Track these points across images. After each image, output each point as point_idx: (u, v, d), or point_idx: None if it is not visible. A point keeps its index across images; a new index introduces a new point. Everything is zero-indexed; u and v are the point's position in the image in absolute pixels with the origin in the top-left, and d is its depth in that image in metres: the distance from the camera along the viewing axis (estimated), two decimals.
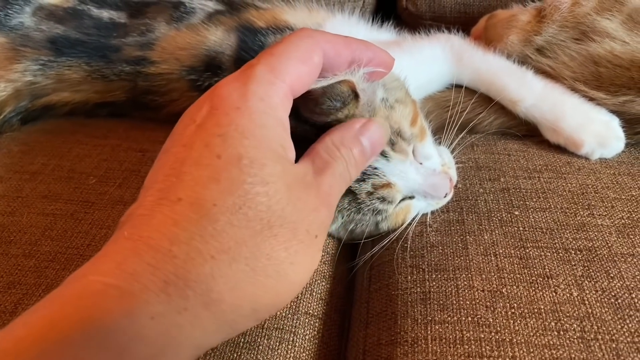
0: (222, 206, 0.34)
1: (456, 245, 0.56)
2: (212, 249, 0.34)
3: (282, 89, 0.39)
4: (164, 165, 0.37)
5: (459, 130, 0.65)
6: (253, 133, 0.36)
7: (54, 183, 0.69)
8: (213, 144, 0.36)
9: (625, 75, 0.66)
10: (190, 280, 0.33)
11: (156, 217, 0.34)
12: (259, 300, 0.36)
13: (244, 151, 0.35)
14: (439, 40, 0.77)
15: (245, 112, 0.37)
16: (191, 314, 0.33)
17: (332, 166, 0.41)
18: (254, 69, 0.39)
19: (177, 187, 0.35)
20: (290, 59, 0.39)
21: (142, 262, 0.32)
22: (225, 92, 0.38)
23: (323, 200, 0.39)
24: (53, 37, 0.77)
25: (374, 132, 0.45)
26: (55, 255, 0.58)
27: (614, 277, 0.50)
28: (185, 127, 0.38)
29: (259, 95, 0.38)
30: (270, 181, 0.36)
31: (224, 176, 0.35)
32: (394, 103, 0.52)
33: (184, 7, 0.82)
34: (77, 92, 0.79)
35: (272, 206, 0.35)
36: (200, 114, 0.38)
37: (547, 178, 0.64)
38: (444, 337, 0.47)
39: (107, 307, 0.31)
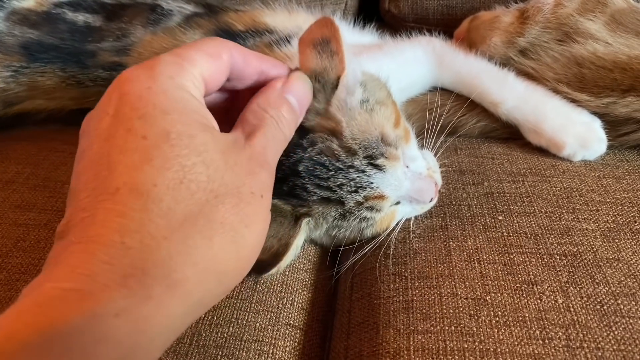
0: (162, 184, 0.33)
1: (439, 252, 0.55)
2: (163, 230, 0.33)
3: (190, 71, 0.38)
4: (89, 164, 0.36)
5: (442, 134, 0.64)
6: (173, 108, 0.36)
7: (28, 192, 0.67)
8: (135, 127, 0.35)
9: (609, 76, 0.66)
10: (149, 268, 0.32)
11: (99, 214, 0.33)
12: (222, 270, 0.36)
13: (169, 126, 0.35)
14: (421, 42, 0.77)
15: (158, 90, 0.36)
16: (157, 302, 0.32)
17: (262, 128, 0.40)
18: (160, 56, 0.38)
19: (111, 178, 0.34)
20: (198, 50, 0.39)
21: (97, 261, 0.31)
22: (131, 76, 0.37)
23: (259, 162, 0.39)
24: (26, 42, 0.75)
25: (298, 86, 0.45)
26: (27, 267, 0.56)
27: (600, 282, 0.49)
28: (99, 121, 0.36)
29: (168, 74, 0.37)
30: (203, 150, 0.35)
31: (156, 154, 0.34)
32: (374, 105, 0.51)
33: (160, 10, 0.81)
34: (52, 99, 0.77)
35: (211, 175, 0.35)
36: (111, 105, 0.36)
37: (531, 182, 0.63)
38: (427, 347, 0.46)
39: (67, 311, 0.30)
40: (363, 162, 0.49)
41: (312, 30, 0.47)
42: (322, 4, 1.04)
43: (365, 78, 0.52)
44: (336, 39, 0.47)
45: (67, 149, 0.76)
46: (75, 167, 0.37)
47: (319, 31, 0.47)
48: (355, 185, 0.50)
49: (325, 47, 0.47)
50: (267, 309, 0.52)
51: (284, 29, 0.79)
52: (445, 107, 0.72)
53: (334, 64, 0.47)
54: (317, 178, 0.49)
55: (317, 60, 0.47)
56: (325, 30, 0.46)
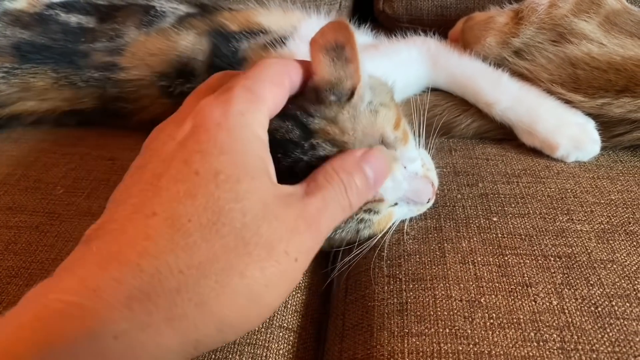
0: (197, 222, 0.33)
1: (434, 254, 0.54)
2: (181, 264, 0.32)
3: (260, 108, 0.39)
4: (139, 180, 0.36)
5: (436, 134, 0.64)
6: (231, 148, 0.36)
7: (19, 194, 0.66)
8: (192, 160, 0.35)
9: (603, 77, 0.66)
10: (154, 295, 0.32)
11: (128, 231, 0.33)
12: (225, 321, 0.35)
13: (220, 167, 0.35)
14: (415, 43, 0.76)
15: (225, 127, 0.36)
16: (154, 331, 0.32)
17: (325, 189, 0.40)
18: (235, 89, 0.38)
19: (153, 202, 0.34)
20: (265, 81, 0.40)
21: (107, 276, 0.31)
22: (207, 110, 0.37)
23: (307, 223, 0.37)
24: (17, 43, 0.75)
25: (378, 160, 0.44)
26: (18, 271, 0.55)
27: (594, 284, 0.49)
28: (164, 144, 0.37)
29: (240, 110, 0.37)
30: (245, 197, 0.35)
31: (201, 192, 0.34)
32: (378, 107, 0.50)
33: (154, 11, 0.80)
34: (44, 100, 0.76)
35: (247, 223, 0.34)
36: (182, 132, 0.37)
37: (525, 183, 0.63)
38: (421, 350, 0.45)
39: (67, 328, 0.30)
40: None
41: (325, 33, 0.45)
42: (317, 4, 1.04)
43: (372, 81, 0.51)
44: (351, 46, 0.45)
45: (59, 151, 0.75)
46: (125, 178, 0.38)
47: (333, 35, 0.45)
48: None
49: (339, 53, 0.45)
50: None
51: (279, 29, 0.78)
52: (440, 107, 0.72)
53: (349, 73, 0.46)
54: None
55: (330, 68, 0.45)
56: (340, 35, 0.45)
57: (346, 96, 0.46)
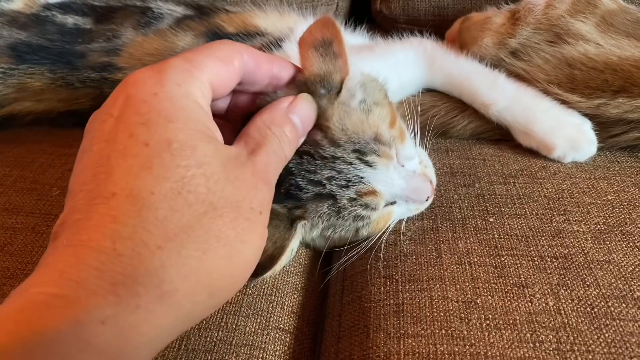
0: (160, 193, 0.33)
1: (430, 255, 0.54)
2: (157, 239, 0.32)
3: (199, 78, 0.38)
4: (88, 165, 0.35)
5: (433, 135, 0.64)
6: (177, 116, 0.35)
7: (16, 195, 0.66)
8: (137, 132, 0.34)
9: (600, 77, 0.66)
10: (140, 276, 0.31)
11: (93, 217, 0.33)
12: (214, 284, 0.35)
13: (172, 135, 0.34)
14: (412, 44, 0.76)
15: (164, 97, 0.36)
16: (145, 311, 0.32)
17: (265, 144, 0.40)
18: (169, 60, 0.38)
19: (109, 182, 0.33)
20: (209, 56, 0.39)
21: (86, 266, 0.31)
22: (139, 79, 0.37)
23: (261, 177, 0.39)
24: (14, 44, 0.75)
25: (303, 108, 0.45)
26: (14, 272, 0.55)
27: (590, 285, 0.49)
28: (102, 122, 0.36)
29: (175, 81, 0.36)
30: (205, 162, 0.35)
31: (156, 162, 0.34)
32: (371, 105, 0.50)
33: (151, 13, 0.81)
34: (41, 101, 0.76)
35: (211, 187, 0.35)
36: (116, 107, 0.36)
37: (522, 183, 0.63)
38: (417, 351, 0.45)
39: (51, 318, 0.29)
40: (351, 155, 0.49)
41: (312, 30, 0.46)
42: (314, 5, 1.04)
43: (364, 79, 0.52)
44: (338, 41, 0.46)
45: (55, 151, 0.75)
46: (75, 167, 0.37)
47: (320, 32, 0.46)
48: (344, 179, 0.49)
49: (327, 49, 0.46)
50: (257, 312, 0.52)
51: (275, 31, 0.79)
52: (437, 108, 0.72)
53: (337, 67, 0.47)
54: (306, 172, 0.49)
55: (319, 63, 0.46)
56: (327, 31, 0.46)
57: (335, 89, 0.47)
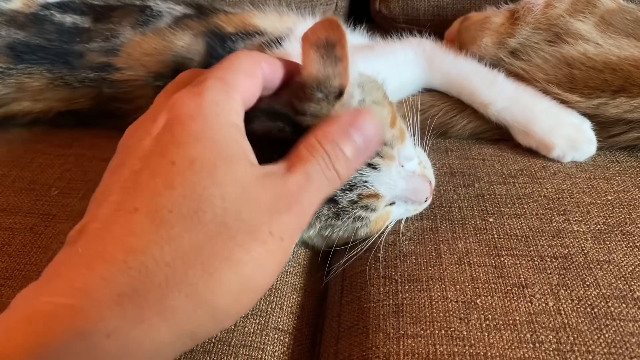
0: (178, 213, 0.33)
1: (430, 255, 0.54)
2: (167, 256, 0.32)
3: (234, 98, 0.38)
4: (118, 178, 0.36)
5: (432, 135, 0.64)
6: (205, 135, 0.35)
7: (14, 195, 0.66)
8: (167, 152, 0.35)
9: (599, 77, 0.66)
10: (144, 290, 0.31)
11: (112, 229, 0.33)
12: (217, 308, 0.34)
13: (196, 154, 0.35)
14: (411, 44, 0.76)
15: (199, 117, 0.36)
16: (148, 326, 0.31)
17: (308, 163, 0.37)
18: (207, 80, 0.38)
19: (134, 198, 0.34)
20: (238, 72, 0.40)
21: (95, 276, 0.31)
22: (180, 102, 0.37)
23: (287, 202, 0.36)
24: (12, 43, 0.75)
25: (368, 124, 0.40)
26: (12, 273, 0.55)
27: (590, 285, 0.49)
28: (140, 140, 0.37)
29: (214, 101, 0.37)
30: (224, 182, 0.34)
31: (178, 182, 0.34)
32: (371, 105, 0.50)
33: (150, 11, 0.80)
34: (39, 101, 0.76)
35: (228, 208, 0.34)
36: (156, 127, 0.37)
37: (522, 183, 0.63)
38: (417, 352, 0.45)
39: (58, 329, 0.29)
40: None
41: (316, 29, 0.45)
42: (313, 5, 1.04)
43: (363, 79, 0.51)
44: (342, 45, 0.44)
45: (54, 152, 0.75)
46: (105, 177, 0.37)
47: (324, 32, 0.45)
48: (348, 183, 0.49)
49: (329, 51, 0.45)
50: (256, 313, 0.52)
51: (275, 30, 0.78)
52: (436, 108, 0.72)
53: (337, 71, 0.45)
54: None
55: (319, 65, 0.45)
56: (331, 33, 0.44)
57: (334, 94, 0.46)
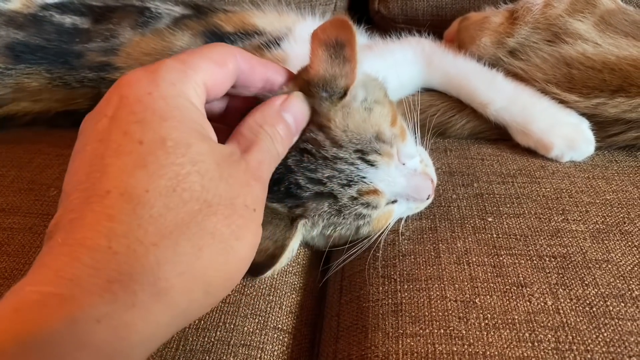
0: (155, 190, 0.33)
1: (429, 254, 0.54)
2: (152, 237, 0.32)
3: (193, 78, 0.38)
4: (81, 164, 0.35)
5: (431, 135, 0.64)
6: (171, 115, 0.35)
7: (13, 195, 0.66)
8: (132, 131, 0.34)
9: (598, 77, 0.66)
10: (135, 274, 0.31)
11: (88, 216, 0.33)
12: (209, 281, 0.35)
13: (166, 133, 0.35)
14: (410, 43, 0.76)
15: (158, 96, 0.36)
16: (141, 309, 0.31)
17: (258, 143, 0.41)
18: (164, 60, 0.38)
19: (103, 181, 0.33)
20: (203, 57, 0.39)
21: (82, 265, 0.31)
22: (133, 79, 0.37)
23: (253, 175, 0.39)
24: (11, 43, 0.75)
25: (296, 107, 0.45)
26: (11, 272, 0.55)
27: (589, 284, 0.49)
28: (96, 122, 0.36)
29: (170, 80, 0.37)
30: (199, 160, 0.35)
31: (150, 160, 0.34)
32: (372, 104, 0.50)
33: (149, 12, 0.80)
34: (38, 101, 0.76)
35: (205, 184, 0.35)
36: (110, 107, 0.36)
37: (521, 183, 0.63)
38: (416, 351, 0.45)
39: (46, 316, 0.29)
40: (353, 155, 0.49)
41: (327, 28, 0.45)
42: (312, 5, 1.04)
43: (365, 78, 0.52)
44: (351, 46, 0.45)
45: (53, 152, 0.75)
46: (69, 167, 0.37)
47: (335, 32, 0.45)
48: (345, 178, 0.49)
49: (338, 51, 0.45)
50: (255, 312, 0.52)
51: (274, 30, 0.78)
52: (435, 107, 0.72)
53: (345, 72, 0.46)
54: (307, 170, 0.49)
55: (327, 64, 0.46)
56: (342, 34, 0.45)
57: (338, 94, 0.46)
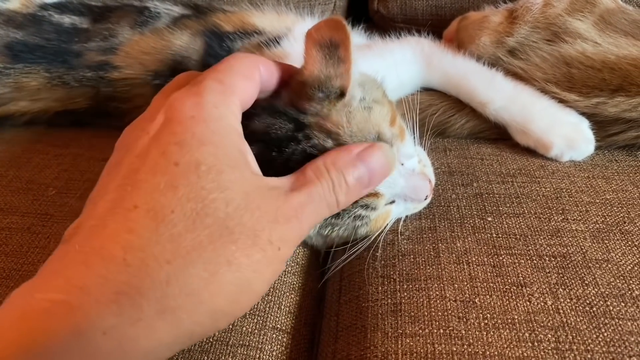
0: (180, 212, 0.33)
1: (428, 254, 0.54)
2: (168, 254, 0.32)
3: (232, 100, 0.39)
4: (115, 176, 0.36)
5: (430, 134, 0.64)
6: (210, 140, 0.36)
7: (11, 195, 0.66)
8: (169, 151, 0.35)
9: (597, 76, 0.65)
10: (144, 288, 0.31)
11: (109, 226, 0.33)
12: (217, 308, 0.35)
13: (201, 158, 0.35)
14: (410, 43, 0.76)
15: (200, 119, 0.36)
16: (146, 325, 0.31)
17: (312, 186, 0.39)
18: (205, 81, 0.38)
19: (133, 195, 0.34)
20: (236, 74, 0.40)
21: (93, 274, 0.31)
22: (178, 102, 0.37)
23: (288, 215, 0.38)
24: (10, 43, 0.74)
25: (376, 159, 0.43)
26: (9, 272, 0.55)
27: (589, 284, 0.49)
28: (137, 138, 0.37)
29: (213, 103, 0.37)
30: (228, 187, 0.35)
31: (182, 183, 0.34)
32: (371, 103, 0.50)
33: (148, 12, 0.80)
34: (37, 100, 0.76)
35: (230, 213, 0.35)
36: (154, 126, 0.37)
37: (520, 182, 0.63)
38: (415, 351, 0.45)
39: (53, 327, 0.29)
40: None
41: (321, 28, 0.45)
42: (311, 5, 1.04)
43: (362, 78, 0.51)
44: (345, 46, 0.45)
45: (51, 151, 0.74)
46: (101, 178, 0.37)
47: (329, 32, 0.45)
48: None
49: (333, 51, 0.45)
50: (254, 312, 0.52)
51: (273, 29, 0.78)
52: (434, 107, 0.72)
53: (339, 72, 0.46)
54: None
55: (321, 65, 0.45)
56: (336, 34, 0.45)
57: (334, 94, 0.46)
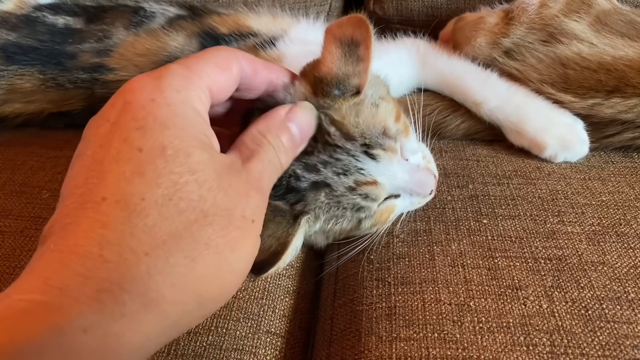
0: (151, 199, 0.32)
1: (423, 257, 0.54)
2: (145, 246, 0.32)
3: (198, 85, 0.37)
4: (80, 169, 0.35)
5: (426, 135, 0.64)
6: (174, 122, 0.35)
7: (5, 198, 0.65)
8: (132, 138, 0.34)
9: (593, 77, 0.65)
10: (126, 283, 0.31)
11: (82, 222, 0.32)
12: (202, 294, 0.34)
13: (166, 141, 0.34)
14: (405, 44, 0.76)
15: (162, 102, 0.35)
16: (131, 320, 0.31)
17: (260, 153, 0.40)
18: (169, 66, 0.37)
19: (100, 187, 0.33)
20: (208, 62, 0.39)
21: (71, 273, 0.30)
22: (137, 85, 0.36)
23: (254, 186, 0.38)
24: (3, 45, 0.74)
25: (302, 117, 0.44)
26: (2, 276, 0.55)
27: (584, 287, 0.49)
28: (98, 127, 0.36)
29: (174, 87, 0.36)
30: (198, 169, 0.34)
31: (149, 169, 0.33)
32: (378, 100, 0.50)
33: (143, 12, 0.80)
34: (30, 102, 0.76)
35: (203, 194, 0.34)
36: (114, 112, 0.36)
37: (516, 184, 0.63)
38: (410, 355, 0.45)
39: (31, 326, 0.29)
40: (359, 149, 0.48)
41: (343, 25, 0.44)
42: (306, 6, 1.03)
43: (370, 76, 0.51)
44: (366, 45, 0.45)
45: (45, 154, 0.74)
46: (68, 172, 0.36)
47: (351, 30, 0.44)
48: (341, 166, 0.48)
49: (353, 49, 0.45)
50: (248, 316, 0.51)
51: (268, 31, 0.78)
52: (429, 107, 0.71)
53: (357, 71, 0.46)
54: (304, 153, 0.47)
55: (340, 62, 0.45)
56: (358, 32, 0.44)
57: (350, 92, 0.46)
